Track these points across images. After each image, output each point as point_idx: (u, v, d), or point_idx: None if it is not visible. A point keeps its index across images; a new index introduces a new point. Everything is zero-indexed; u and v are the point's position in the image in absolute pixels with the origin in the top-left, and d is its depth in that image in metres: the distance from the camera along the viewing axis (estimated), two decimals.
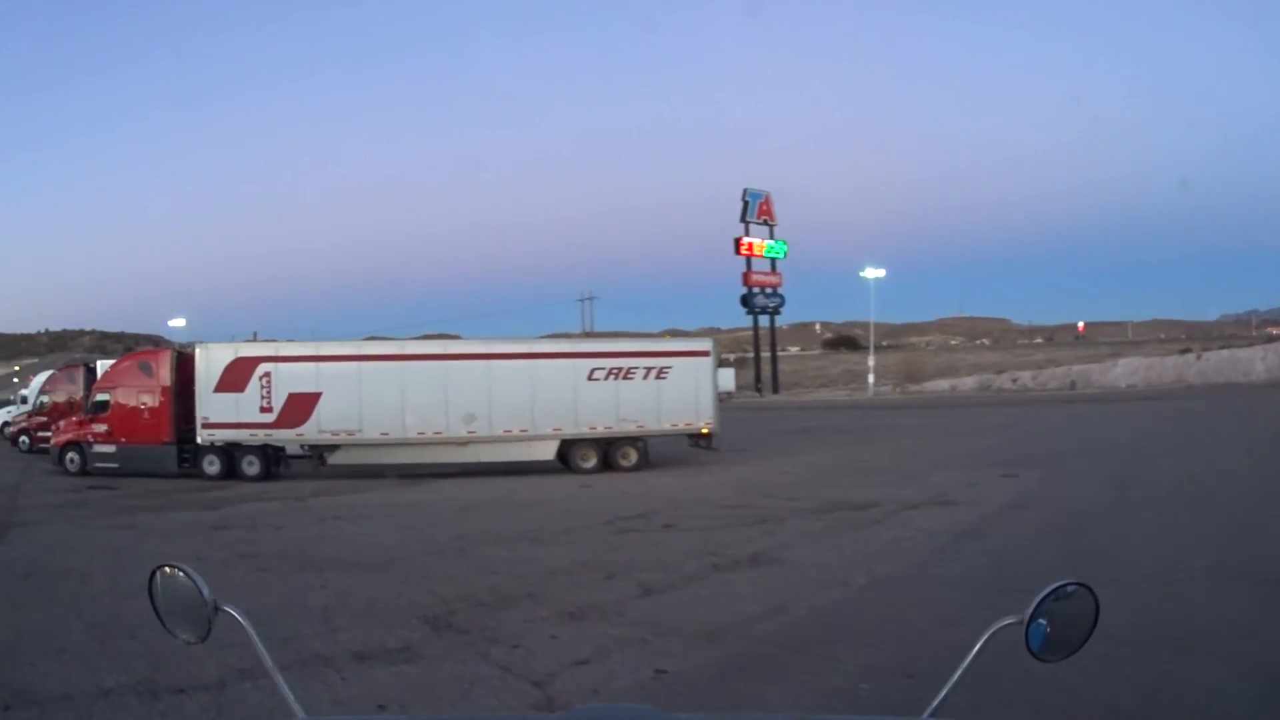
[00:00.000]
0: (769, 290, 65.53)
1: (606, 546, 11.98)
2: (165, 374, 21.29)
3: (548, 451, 20.88)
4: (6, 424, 35.12)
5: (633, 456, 21.16)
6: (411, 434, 20.44)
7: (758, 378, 65.26)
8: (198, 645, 1.99)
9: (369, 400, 20.21)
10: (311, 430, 20.36)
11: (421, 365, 21.27)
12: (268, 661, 1.80)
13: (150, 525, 14.75)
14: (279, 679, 1.76)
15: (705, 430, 21.48)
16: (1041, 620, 1.76)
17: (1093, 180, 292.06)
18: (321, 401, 20.11)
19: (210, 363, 20.50)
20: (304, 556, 11.59)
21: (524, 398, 20.59)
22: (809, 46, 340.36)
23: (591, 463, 20.88)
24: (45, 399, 29.90)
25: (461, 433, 20.55)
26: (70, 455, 21.86)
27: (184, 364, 21.39)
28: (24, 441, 30.03)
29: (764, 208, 64.18)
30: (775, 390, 64.89)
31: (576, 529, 13.49)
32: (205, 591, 1.82)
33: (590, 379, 20.94)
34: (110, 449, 21.26)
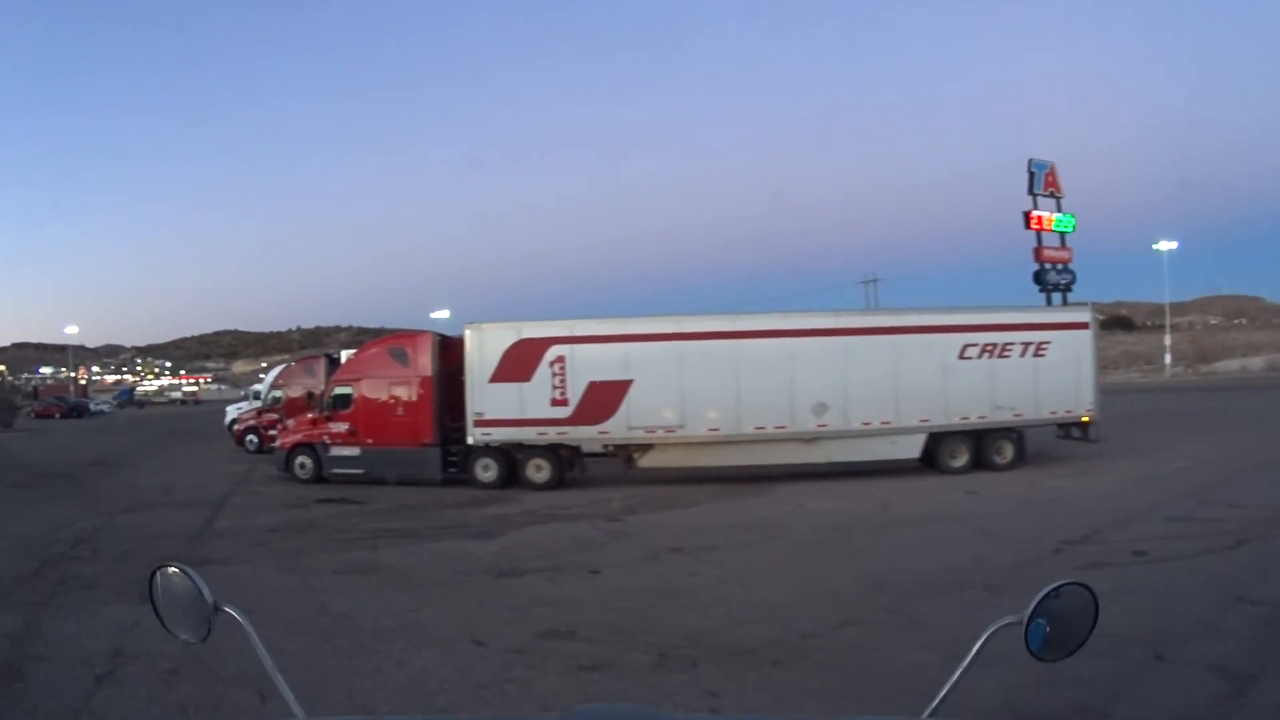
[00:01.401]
0: (1059, 266, 63.05)
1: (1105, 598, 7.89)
2: (425, 362, 19.61)
3: (912, 448, 18.84)
4: (234, 421, 34.20)
5: (1008, 452, 19.23)
6: (748, 429, 18.36)
7: None
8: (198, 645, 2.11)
9: (693, 388, 18.36)
10: (619, 426, 18.47)
11: (759, 344, 18.89)
12: (268, 662, 1.97)
13: (398, 566, 11.37)
14: (279, 679, 1.93)
15: (1086, 419, 19.48)
16: (1041, 620, 1.93)
17: None
18: (632, 391, 18.30)
19: (485, 347, 18.84)
20: (653, 633, 7.94)
21: (886, 382, 18.58)
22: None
23: (962, 461, 18.99)
24: (278, 394, 28.69)
25: (810, 426, 18.41)
26: (301, 459, 20.42)
27: (449, 349, 19.78)
28: (251, 441, 29.10)
29: (1050, 179, 61.84)
30: None
31: (1023, 563, 10.33)
32: (205, 591, 2.05)
33: (962, 357, 18.82)
34: (353, 452, 19.81)
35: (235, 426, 31.40)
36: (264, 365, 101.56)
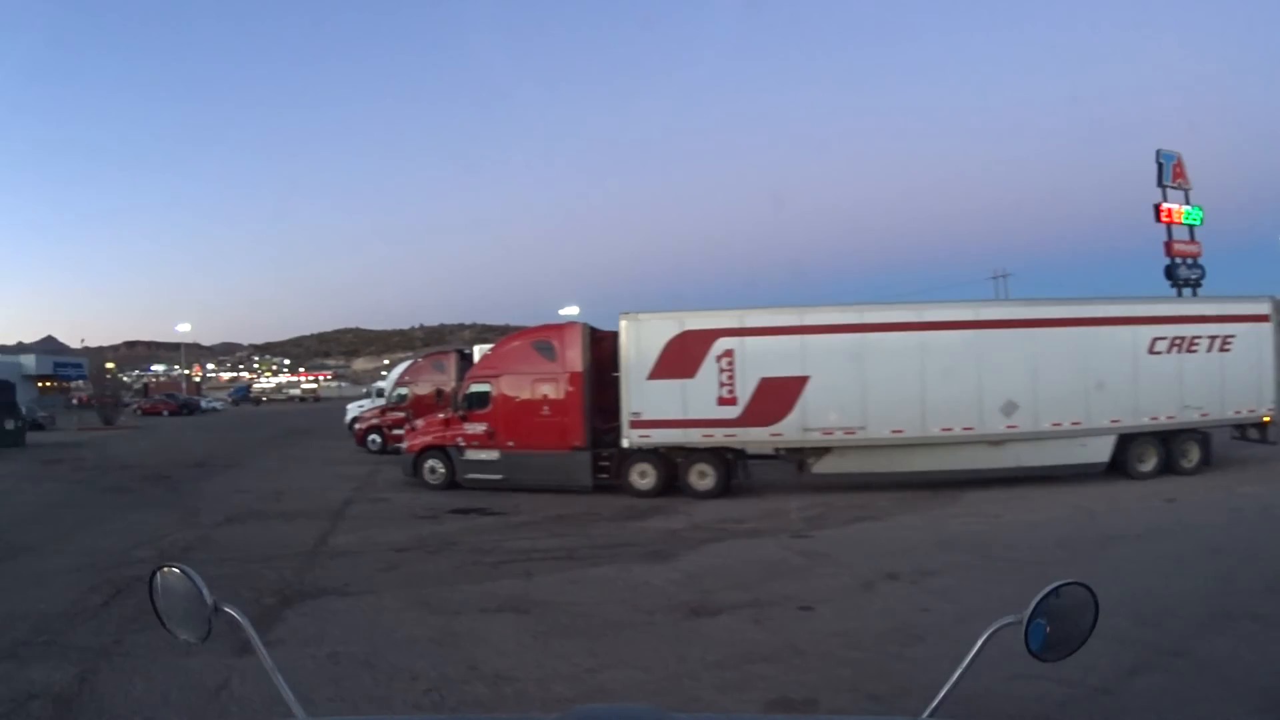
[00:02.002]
0: (1189, 260, 60.65)
1: None
2: (575, 356, 18.64)
3: (1102, 451, 18.13)
4: (355, 419, 33.92)
5: (1195, 455, 18.68)
6: (933, 430, 17.60)
7: None
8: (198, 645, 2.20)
9: (875, 385, 17.51)
10: (793, 428, 17.57)
11: (947, 336, 18.11)
12: (267, 661, 2.05)
13: (559, 601, 9.39)
14: (278, 678, 2.01)
15: (1267, 419, 19.00)
16: (1041, 620, 1.99)
17: None
18: (808, 388, 17.53)
19: (643, 339, 18.10)
20: (911, 696, 6.15)
21: (1075, 379, 18.02)
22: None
23: (1150, 464, 18.35)
24: (404, 391, 28.40)
25: (999, 428, 17.71)
26: (431, 463, 19.49)
27: (601, 343, 19.02)
28: (374, 441, 28.64)
29: (1178, 170, 60.13)
30: None
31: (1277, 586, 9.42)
32: (205, 591, 2.09)
33: (1151, 352, 18.34)
34: (490, 456, 18.92)
35: (357, 425, 30.89)
36: (385, 362, 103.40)
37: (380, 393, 34.61)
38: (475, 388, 19.33)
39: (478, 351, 26.35)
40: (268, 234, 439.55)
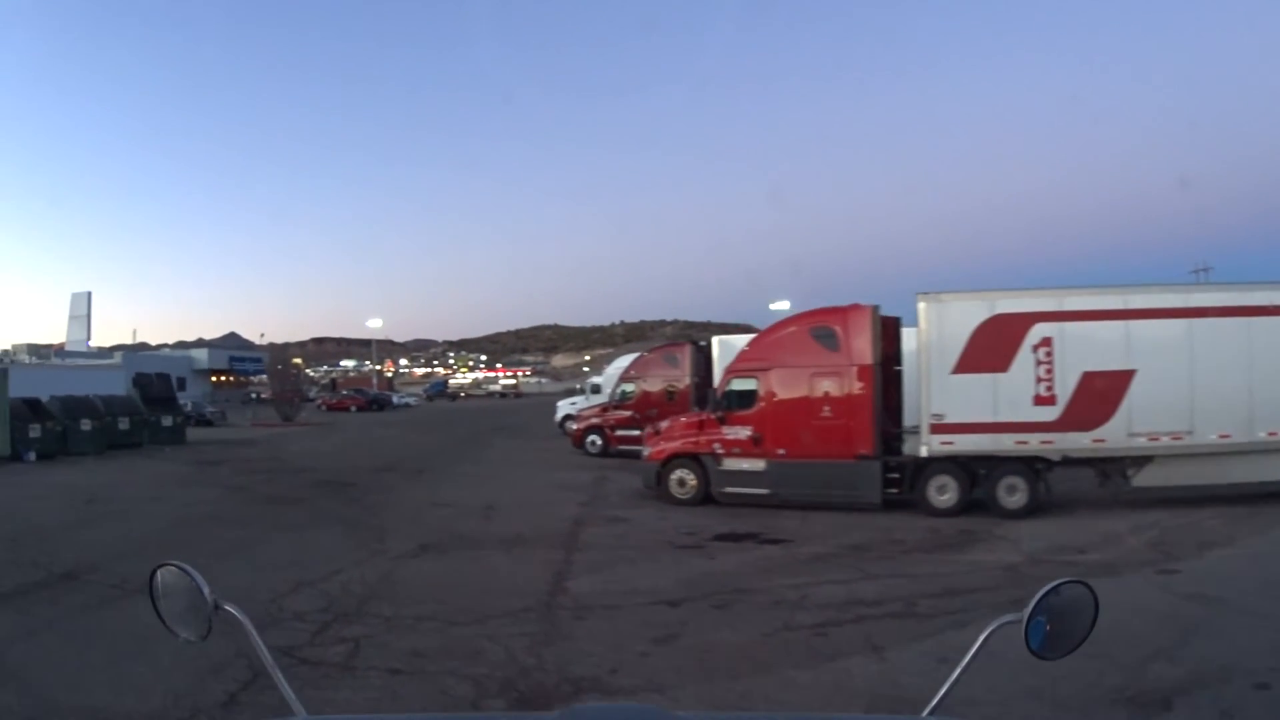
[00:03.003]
0: None
1: None
2: (862, 345, 16.91)
3: None
4: (567, 418, 34.45)
5: None
6: (1259, 435, 16.16)
7: None
8: (198, 644, 2.26)
9: (1202, 381, 16.19)
10: (1117, 432, 16.16)
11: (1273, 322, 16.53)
12: (268, 660, 2.11)
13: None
14: (279, 677, 2.07)
15: None
16: (1041, 618, 2.07)
17: None
18: (1134, 384, 16.17)
19: (945, 325, 16.70)
20: None
21: None
22: None
23: None
24: (629, 387, 27.55)
25: None
26: (679, 474, 17.62)
27: (888, 330, 17.67)
28: (593, 442, 27.71)
29: None
30: None
31: None
32: (205, 590, 2.16)
33: None
34: (755, 466, 17.13)
35: (574, 425, 29.87)
36: (586, 358, 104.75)
37: (596, 389, 34.21)
38: (737, 384, 17.73)
39: (717, 344, 25.33)
40: (466, 231, 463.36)
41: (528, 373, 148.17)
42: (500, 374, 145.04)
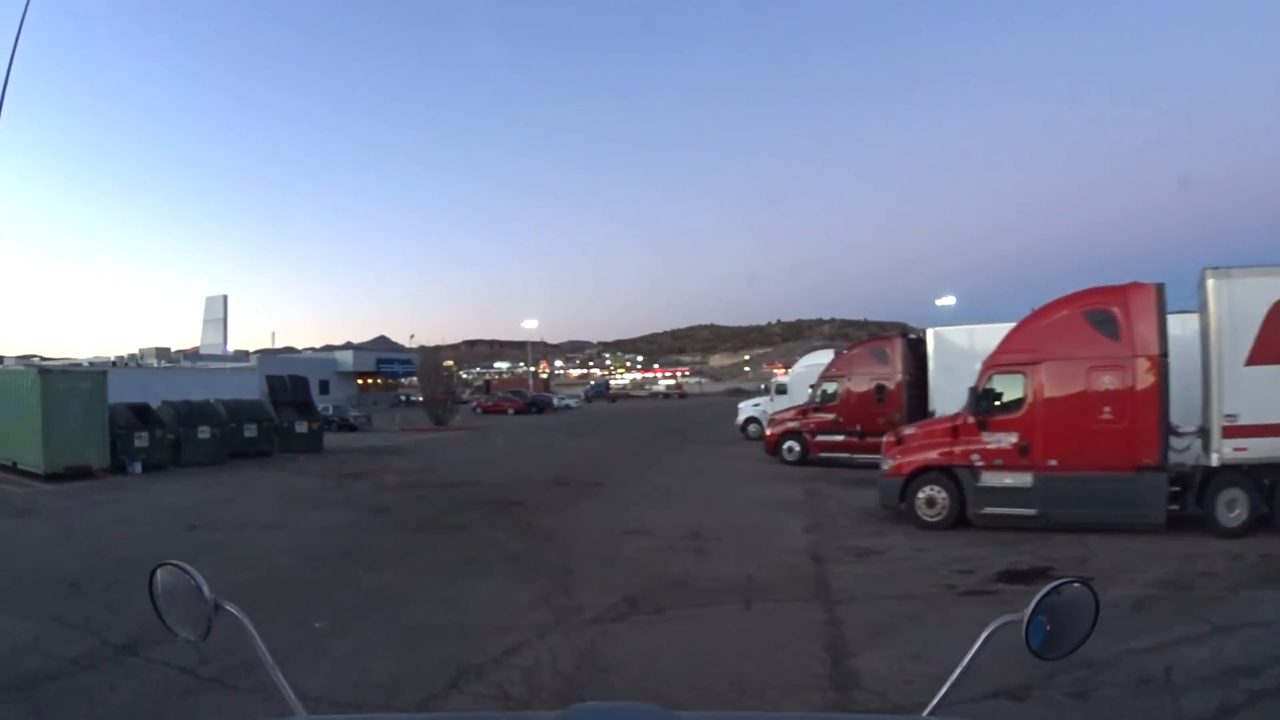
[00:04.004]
0: None
1: None
2: (1147, 332, 14.48)
3: None
4: (750, 421, 33.59)
5: None
6: None
7: None
8: (198, 643, 2.25)
9: None
10: None
11: None
12: (267, 659, 2.04)
13: None
14: (278, 676, 2.03)
15: None
16: (1042, 618, 2.03)
17: None
18: None
19: (1239, 306, 14.60)
20: None
21: None
22: None
23: None
24: (832, 387, 24.90)
25: None
26: (929, 492, 14.95)
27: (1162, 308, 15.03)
28: (790, 448, 25.35)
29: None
30: None
31: None
32: (205, 589, 2.12)
33: None
34: (1020, 481, 14.60)
35: (769, 429, 27.03)
36: (746, 358, 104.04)
37: (782, 389, 32.01)
38: (998, 380, 15.05)
39: (932, 336, 22.60)
40: (621, 232, 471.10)
41: (686, 373, 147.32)
42: (658, 374, 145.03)
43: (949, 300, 67.64)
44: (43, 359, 63.37)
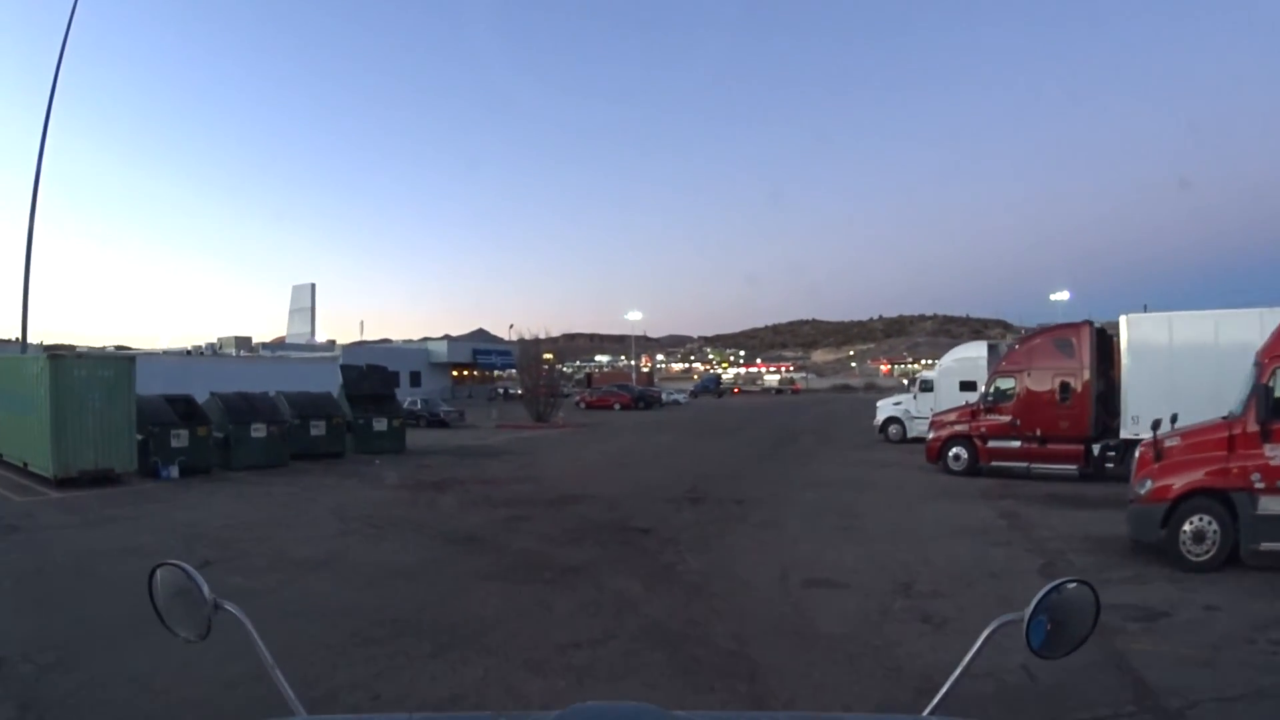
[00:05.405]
0: None
1: None
2: None
3: None
4: (889, 420, 32.02)
5: None
6: None
7: None
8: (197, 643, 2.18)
9: None
10: None
11: None
12: (267, 659, 2.04)
13: None
14: (278, 676, 2.03)
15: None
16: (1042, 617, 2.02)
17: None
18: None
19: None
20: None
21: None
22: None
23: None
24: (1007, 384, 21.48)
25: None
26: (1196, 524, 11.55)
27: None
28: (957, 456, 21.98)
29: None
30: None
31: None
32: (205, 589, 2.12)
33: None
34: None
35: (931, 433, 23.41)
36: (851, 353, 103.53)
37: (928, 386, 29.92)
38: None
39: (1126, 324, 19.34)
40: (724, 227, 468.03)
41: (789, 368, 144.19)
42: (761, 369, 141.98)
43: (1063, 295, 68.25)
44: (118, 348, 60.70)
